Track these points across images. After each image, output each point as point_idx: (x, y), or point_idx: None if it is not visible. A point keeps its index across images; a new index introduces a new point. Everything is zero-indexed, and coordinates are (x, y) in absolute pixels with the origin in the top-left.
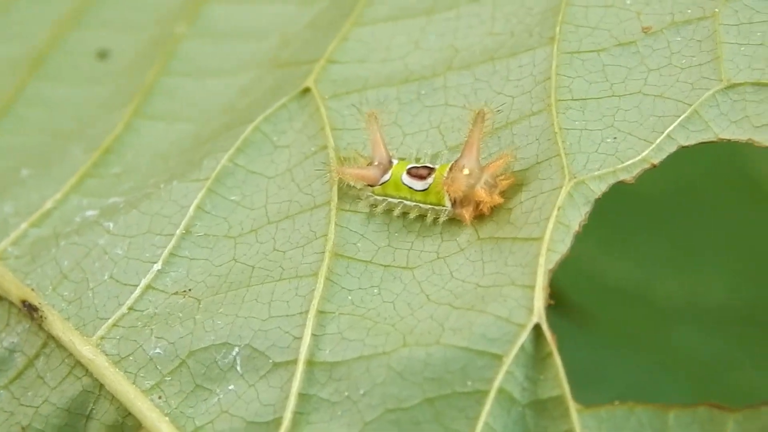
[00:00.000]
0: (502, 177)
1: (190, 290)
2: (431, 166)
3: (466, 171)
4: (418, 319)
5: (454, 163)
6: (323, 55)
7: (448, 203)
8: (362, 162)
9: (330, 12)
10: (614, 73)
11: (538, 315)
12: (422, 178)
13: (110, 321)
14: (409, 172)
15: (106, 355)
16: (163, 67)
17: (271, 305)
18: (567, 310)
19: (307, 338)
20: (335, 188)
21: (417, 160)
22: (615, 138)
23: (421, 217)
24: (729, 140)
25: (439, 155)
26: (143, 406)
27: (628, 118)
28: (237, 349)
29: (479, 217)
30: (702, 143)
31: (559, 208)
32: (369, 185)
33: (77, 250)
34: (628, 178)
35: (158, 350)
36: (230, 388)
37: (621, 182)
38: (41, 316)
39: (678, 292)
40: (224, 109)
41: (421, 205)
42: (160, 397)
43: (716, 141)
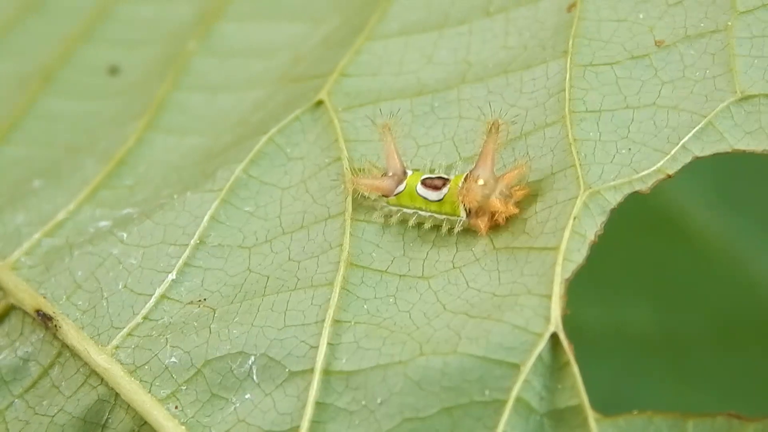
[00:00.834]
0: (517, 187)
1: (205, 300)
2: (446, 176)
3: (481, 181)
4: (435, 329)
5: (468, 174)
6: (336, 69)
7: (463, 213)
8: (376, 173)
9: (342, 29)
10: (628, 85)
11: (555, 324)
12: (437, 188)
13: (125, 330)
14: (424, 182)
15: (121, 364)
16: (175, 83)
17: (286, 314)
18: None
19: (323, 347)
20: (350, 199)
21: (431, 171)
22: (630, 149)
23: (436, 227)
24: (744, 151)
25: (453, 166)
26: (159, 415)
27: (642, 129)
28: (253, 358)
29: (494, 227)
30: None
31: (575, 218)
32: (384, 196)
33: (91, 259)
34: (643, 188)
35: (174, 359)
36: (246, 397)
37: (636, 192)
38: (55, 326)
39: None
40: (236, 123)
41: (435, 215)
42: (176, 407)
43: (731, 152)
